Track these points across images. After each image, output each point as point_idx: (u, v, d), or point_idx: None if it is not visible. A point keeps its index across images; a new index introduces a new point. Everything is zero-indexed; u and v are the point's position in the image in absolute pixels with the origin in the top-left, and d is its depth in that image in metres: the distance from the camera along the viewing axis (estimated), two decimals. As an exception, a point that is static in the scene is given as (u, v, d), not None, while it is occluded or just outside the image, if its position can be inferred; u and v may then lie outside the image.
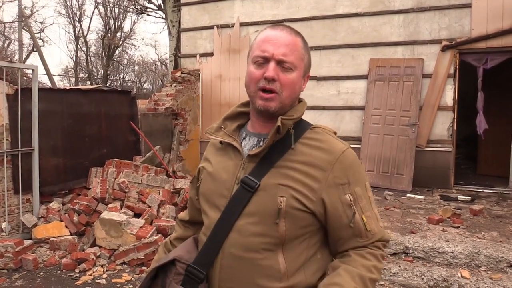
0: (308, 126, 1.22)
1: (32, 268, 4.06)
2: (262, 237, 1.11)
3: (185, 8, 8.34)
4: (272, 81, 1.13)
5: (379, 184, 6.42)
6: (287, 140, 1.16)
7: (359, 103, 6.89)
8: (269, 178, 1.13)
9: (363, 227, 1.14)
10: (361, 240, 1.15)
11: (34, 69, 5.15)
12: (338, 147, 1.16)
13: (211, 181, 1.24)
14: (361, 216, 1.14)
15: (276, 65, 1.13)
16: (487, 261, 3.70)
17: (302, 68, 1.18)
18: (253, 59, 1.17)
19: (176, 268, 1.20)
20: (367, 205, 1.16)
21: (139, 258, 4.12)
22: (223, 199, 1.17)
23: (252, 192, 1.13)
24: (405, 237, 4.09)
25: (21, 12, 18.06)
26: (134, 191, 4.99)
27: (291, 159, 1.14)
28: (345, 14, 6.95)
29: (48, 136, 5.35)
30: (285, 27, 1.19)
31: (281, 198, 1.10)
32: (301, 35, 1.21)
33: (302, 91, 1.23)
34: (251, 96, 1.19)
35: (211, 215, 1.20)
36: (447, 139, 6.38)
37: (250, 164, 1.17)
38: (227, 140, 1.23)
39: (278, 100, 1.14)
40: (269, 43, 1.14)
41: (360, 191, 1.15)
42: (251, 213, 1.13)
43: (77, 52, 29.08)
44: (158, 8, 19.76)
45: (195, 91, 7.92)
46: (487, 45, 6.11)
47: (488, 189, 6.40)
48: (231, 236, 1.13)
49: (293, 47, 1.15)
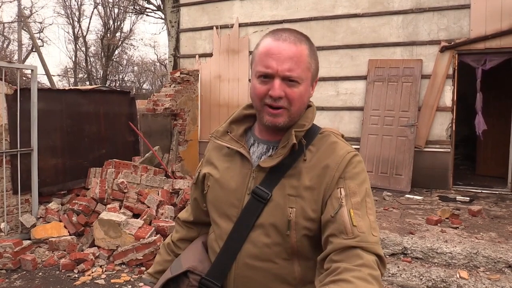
0: (317, 131, 1.19)
1: (31, 268, 4.06)
2: (275, 247, 1.10)
3: (184, 9, 8.34)
4: (279, 99, 1.08)
5: (378, 185, 6.43)
6: (299, 150, 1.13)
7: (358, 103, 6.90)
8: (279, 188, 1.11)
9: (348, 221, 1.01)
10: (346, 237, 1.00)
11: (33, 69, 5.15)
12: (345, 149, 1.14)
13: (219, 189, 1.20)
14: (349, 210, 1.03)
15: (282, 82, 1.07)
16: (485, 261, 3.70)
17: (309, 78, 1.13)
18: (256, 74, 1.11)
19: (189, 280, 1.17)
20: (361, 206, 1.05)
21: (138, 258, 4.12)
22: (234, 209, 1.15)
23: (264, 203, 1.11)
24: (404, 237, 4.10)
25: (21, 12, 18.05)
26: (133, 191, 4.99)
27: (300, 167, 1.12)
28: (344, 15, 6.96)
29: (47, 136, 5.35)
30: (288, 35, 1.10)
31: (291, 209, 1.08)
32: (305, 39, 1.13)
33: (311, 96, 1.18)
34: (257, 111, 1.15)
35: (223, 226, 1.17)
36: (446, 140, 6.39)
37: (260, 173, 1.14)
38: (235, 147, 1.19)
39: (286, 115, 1.10)
40: (272, 57, 1.07)
41: (355, 188, 1.07)
42: (263, 225, 1.11)
43: (76, 53, 29.08)
44: (157, 9, 19.77)
45: (194, 92, 7.92)
46: (486, 46, 6.12)
47: (486, 189, 6.41)
48: (245, 247, 1.12)
49: (299, 59, 1.08)
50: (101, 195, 4.90)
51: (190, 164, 7.53)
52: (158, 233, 4.38)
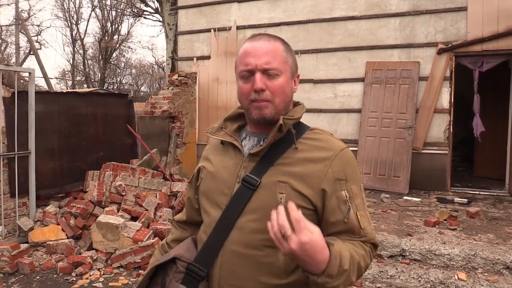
0: (307, 127, 1.25)
1: (28, 272, 4.04)
2: (262, 234, 1.10)
3: (182, 11, 8.35)
4: (262, 92, 1.15)
5: (376, 187, 6.44)
6: (287, 139, 1.18)
7: (356, 105, 6.91)
8: (269, 176, 1.15)
9: (357, 225, 1.13)
10: (354, 236, 1.14)
11: (31, 72, 5.14)
12: (337, 144, 1.19)
13: (211, 179, 1.26)
14: (356, 213, 1.14)
15: (262, 75, 1.15)
16: (483, 263, 3.71)
17: (288, 71, 1.20)
18: (239, 74, 1.20)
19: (176, 266, 1.20)
20: (361, 204, 1.17)
21: (136, 261, 4.11)
22: (224, 197, 1.19)
23: (253, 189, 1.15)
24: (402, 239, 4.10)
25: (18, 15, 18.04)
26: (131, 194, 4.98)
27: (290, 157, 1.17)
28: (341, 17, 6.99)
29: (44, 139, 5.33)
30: (262, 36, 1.21)
31: (281, 195, 1.12)
32: (280, 39, 1.23)
33: (295, 92, 1.25)
34: (245, 109, 1.23)
35: (212, 213, 1.21)
36: (444, 142, 6.41)
37: (251, 163, 1.19)
38: (228, 140, 1.25)
39: (271, 107, 1.17)
40: (249, 55, 1.17)
41: (356, 190, 1.17)
42: (252, 211, 1.14)
43: (74, 55, 29.05)
44: (155, 11, 19.77)
45: (192, 94, 7.93)
46: (483, 48, 6.15)
47: (484, 191, 6.42)
48: (233, 234, 1.15)
49: (274, 53, 1.17)
50: (99, 198, 4.89)
51: (188, 166, 7.52)
52: (156, 236, 4.37)
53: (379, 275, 3.75)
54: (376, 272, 3.79)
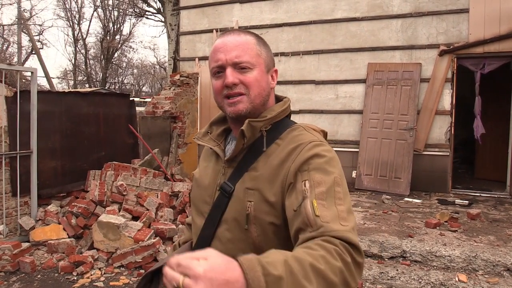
0: (288, 125, 1.17)
1: (29, 270, 4.05)
2: (238, 243, 1.09)
3: (184, 12, 8.37)
4: (234, 86, 1.11)
5: (377, 188, 6.44)
6: (259, 141, 1.13)
7: (357, 107, 6.91)
8: (241, 182, 1.11)
9: (310, 212, 0.94)
10: (311, 229, 0.93)
11: (33, 72, 5.15)
12: (308, 139, 1.09)
13: (197, 187, 1.25)
14: (312, 201, 0.96)
15: (233, 69, 1.11)
16: (484, 265, 3.71)
17: (262, 64, 1.15)
18: (211, 72, 1.16)
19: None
20: (328, 196, 0.98)
21: (137, 261, 4.12)
22: (207, 205, 1.17)
23: (228, 198, 1.11)
24: (403, 240, 4.10)
25: (20, 14, 18.08)
26: (132, 194, 4.99)
27: (263, 160, 1.11)
28: (343, 19, 6.99)
29: (46, 138, 5.35)
30: (233, 32, 1.17)
31: (249, 203, 1.07)
32: (252, 33, 1.18)
33: (273, 87, 1.20)
34: (220, 107, 1.18)
35: (197, 222, 1.20)
36: (445, 143, 6.41)
37: (229, 169, 1.16)
38: (210, 145, 1.23)
39: (247, 101, 1.12)
40: (219, 51, 1.13)
41: (321, 178, 1.00)
42: (226, 220, 1.11)
43: (76, 55, 29.09)
44: (157, 12, 19.80)
45: (194, 95, 7.94)
46: (485, 50, 6.15)
47: (485, 193, 6.42)
48: (213, 244, 1.13)
49: (245, 46, 1.12)
50: (100, 197, 4.90)
51: (189, 166, 7.53)
52: (157, 236, 4.38)
53: (380, 276, 3.76)
54: (377, 273, 3.79)
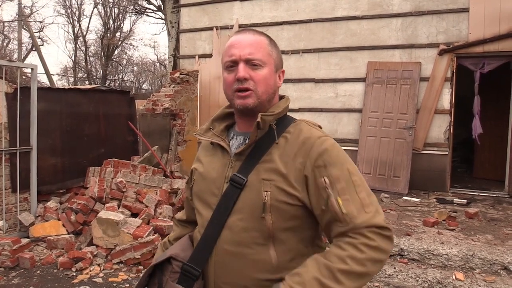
0: (291, 121, 1.26)
1: (29, 266, 4.07)
2: (251, 232, 1.15)
3: (184, 9, 8.37)
4: (245, 81, 1.18)
5: (376, 187, 6.45)
6: (271, 136, 1.20)
7: (357, 105, 6.92)
8: (254, 174, 1.17)
9: (338, 210, 1.09)
10: (341, 224, 1.10)
11: (33, 68, 5.16)
12: (315, 135, 1.19)
13: (202, 180, 1.29)
14: (336, 198, 1.10)
15: (246, 65, 1.19)
16: (481, 263, 3.72)
17: (272, 63, 1.23)
18: (224, 65, 1.24)
19: (172, 266, 1.22)
20: (347, 188, 1.12)
21: (135, 257, 4.14)
22: (214, 197, 1.22)
23: (240, 188, 1.17)
24: (401, 239, 4.12)
25: (21, 11, 18.06)
26: (131, 191, 5.01)
27: (274, 153, 1.18)
28: (343, 17, 6.99)
29: (46, 135, 5.36)
30: (248, 30, 1.25)
31: (266, 193, 1.13)
32: (265, 34, 1.26)
33: (279, 86, 1.27)
34: (230, 100, 1.25)
35: (204, 214, 1.24)
36: (444, 143, 6.42)
37: (238, 162, 1.21)
38: (215, 141, 1.28)
39: (255, 97, 1.19)
40: (234, 47, 1.21)
41: (338, 173, 1.13)
42: (240, 210, 1.17)
43: (76, 52, 29.10)
44: (158, 9, 19.79)
45: (194, 92, 7.94)
46: (484, 49, 6.16)
47: (484, 192, 6.44)
48: (224, 233, 1.17)
49: (258, 45, 1.21)
50: (100, 194, 4.91)
51: (189, 164, 7.54)
52: (156, 233, 4.39)
53: (377, 274, 3.77)
54: (374, 271, 3.80)
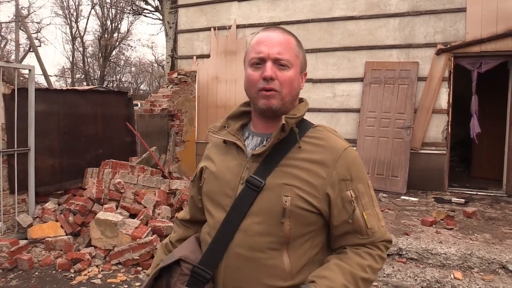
0: (310, 125, 1.23)
1: (27, 268, 4.06)
2: (267, 236, 1.11)
3: (182, 10, 8.36)
4: (271, 80, 1.14)
5: (374, 186, 6.44)
6: (290, 139, 1.16)
7: (355, 105, 6.93)
8: (273, 177, 1.13)
9: (363, 224, 1.14)
10: (361, 237, 1.15)
11: (31, 69, 5.15)
12: (340, 144, 1.18)
13: (214, 180, 1.23)
14: (362, 213, 1.14)
15: (273, 64, 1.14)
16: (479, 262, 3.73)
17: (298, 65, 1.20)
18: (250, 61, 1.18)
19: (181, 268, 1.18)
20: (369, 203, 1.17)
21: (134, 258, 4.13)
22: (228, 198, 1.17)
23: (257, 191, 1.13)
24: (399, 238, 4.13)
25: (18, 12, 18.02)
26: (129, 191, 5.00)
27: (294, 157, 1.15)
28: (341, 17, 7.00)
29: (44, 136, 5.35)
30: (277, 28, 1.21)
31: (286, 198, 1.10)
32: (293, 34, 1.23)
33: (302, 88, 1.24)
34: (252, 98, 1.20)
35: (216, 215, 1.19)
36: (442, 142, 6.43)
37: (254, 163, 1.17)
38: (231, 139, 1.22)
39: (279, 98, 1.15)
40: (263, 44, 1.16)
41: (363, 189, 1.16)
42: (256, 213, 1.13)
43: (74, 53, 29.03)
44: (155, 10, 19.77)
45: (192, 93, 7.94)
46: (482, 49, 6.17)
47: (482, 191, 6.45)
48: (237, 236, 1.13)
49: (287, 45, 1.17)
50: (98, 195, 4.90)
51: (187, 165, 7.54)
52: (155, 233, 4.39)
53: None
54: (373, 270, 3.81)
